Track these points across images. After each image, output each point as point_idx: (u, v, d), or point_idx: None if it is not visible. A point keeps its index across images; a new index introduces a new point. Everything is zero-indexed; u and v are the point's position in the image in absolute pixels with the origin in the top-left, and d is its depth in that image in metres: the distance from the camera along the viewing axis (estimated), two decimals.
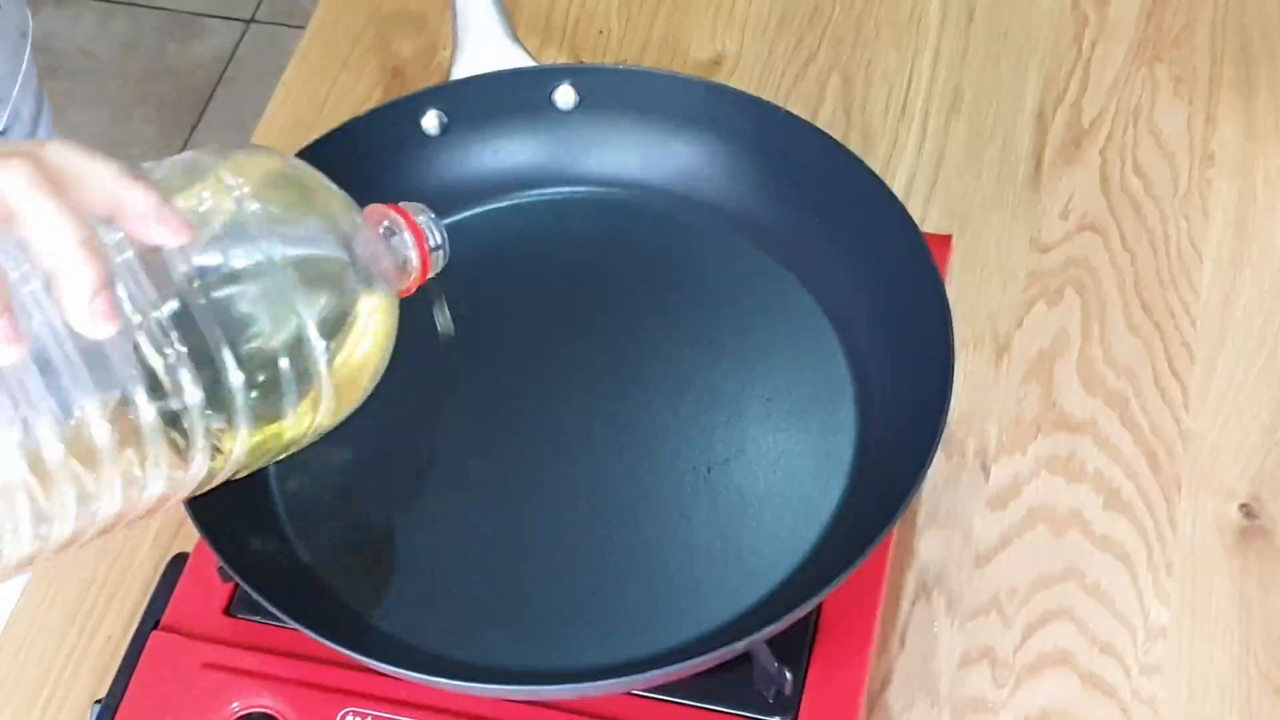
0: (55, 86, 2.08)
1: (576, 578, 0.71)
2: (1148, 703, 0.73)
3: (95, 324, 0.51)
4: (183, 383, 0.54)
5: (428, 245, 0.66)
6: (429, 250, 0.66)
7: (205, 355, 0.55)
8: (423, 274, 0.67)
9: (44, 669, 0.76)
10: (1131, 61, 0.97)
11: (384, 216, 0.65)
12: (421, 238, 0.66)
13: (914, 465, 0.67)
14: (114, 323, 0.52)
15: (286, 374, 0.57)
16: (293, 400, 0.58)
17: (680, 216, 0.82)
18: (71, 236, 0.51)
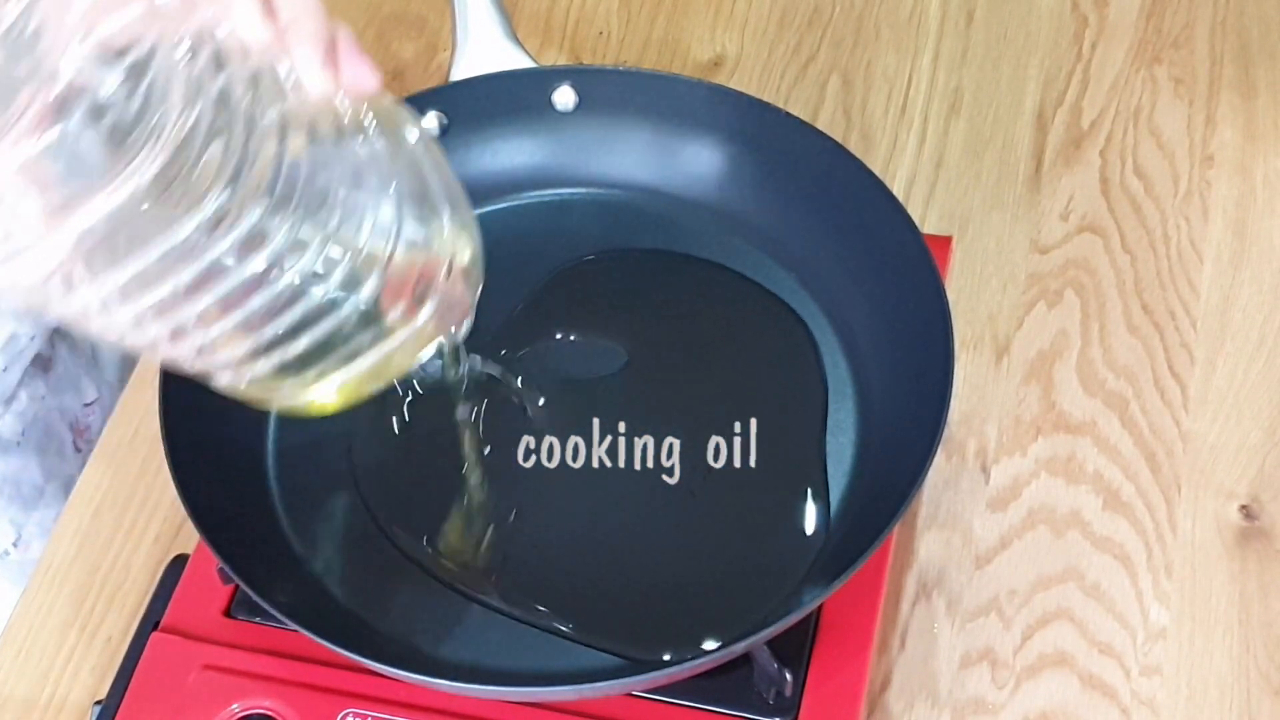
0: None
1: (577, 579, 0.71)
2: (1147, 703, 0.73)
3: (325, 77, 0.51)
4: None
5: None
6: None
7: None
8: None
9: (44, 669, 0.76)
10: (1131, 62, 0.97)
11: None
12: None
13: (914, 466, 0.67)
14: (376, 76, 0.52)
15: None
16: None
17: (679, 218, 0.82)
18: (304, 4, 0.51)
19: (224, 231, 0.50)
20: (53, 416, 0.97)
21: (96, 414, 1.02)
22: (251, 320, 0.53)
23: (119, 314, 0.51)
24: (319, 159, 0.53)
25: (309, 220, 0.52)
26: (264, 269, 0.51)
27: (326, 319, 0.54)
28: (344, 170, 0.54)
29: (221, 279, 0.51)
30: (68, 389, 0.99)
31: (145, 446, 0.83)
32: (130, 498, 0.81)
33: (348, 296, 0.54)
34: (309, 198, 0.52)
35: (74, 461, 0.99)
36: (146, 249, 0.49)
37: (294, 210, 0.52)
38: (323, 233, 0.53)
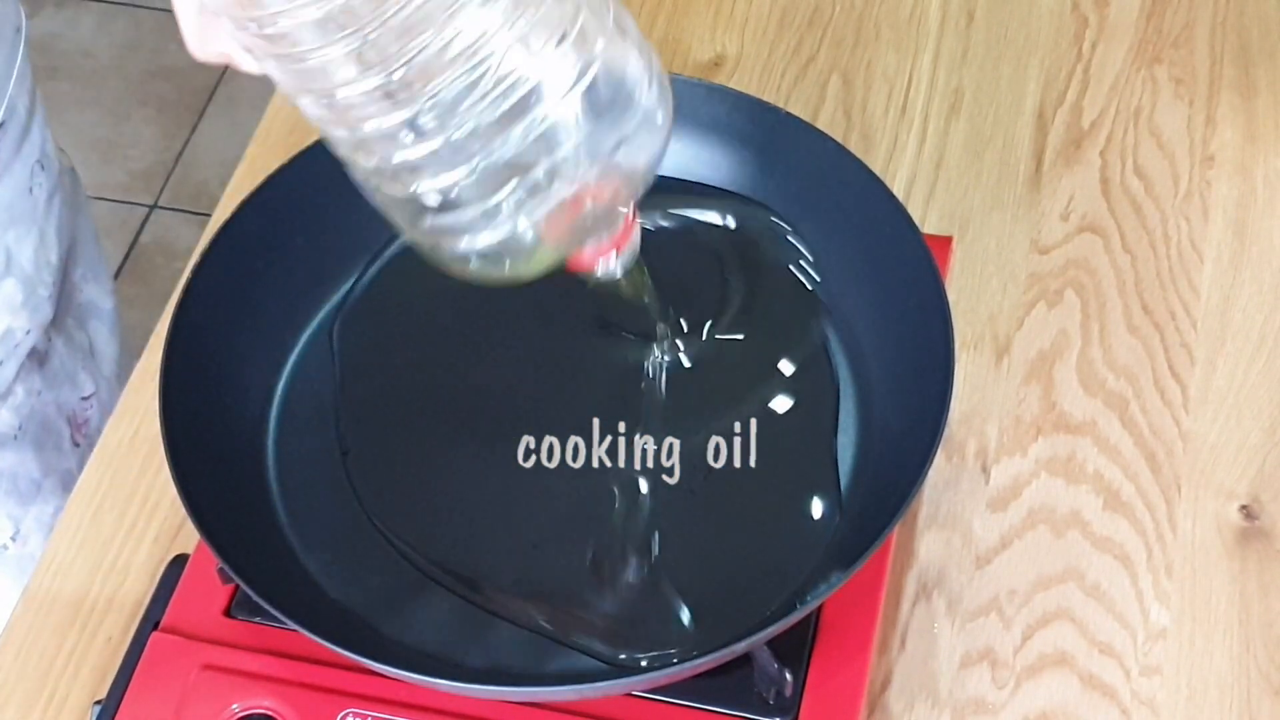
0: (55, 87, 2.09)
1: (576, 579, 0.71)
2: (1147, 704, 0.73)
3: None
4: None
5: (630, 235, 0.62)
6: (629, 234, 0.62)
7: None
8: (612, 242, 0.62)
9: (44, 669, 0.76)
10: (1131, 63, 0.97)
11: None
12: (631, 228, 0.62)
13: (914, 466, 0.67)
14: None
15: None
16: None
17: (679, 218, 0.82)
18: None
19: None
20: (50, 411, 0.97)
21: (94, 408, 1.02)
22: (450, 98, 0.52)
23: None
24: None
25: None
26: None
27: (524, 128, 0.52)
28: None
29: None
30: (64, 383, 0.99)
31: (145, 446, 0.83)
32: (130, 498, 0.81)
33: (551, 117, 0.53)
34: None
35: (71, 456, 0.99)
36: None
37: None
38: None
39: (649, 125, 0.56)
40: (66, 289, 1.00)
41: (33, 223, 0.92)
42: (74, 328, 1.01)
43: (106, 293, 1.06)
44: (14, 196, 0.90)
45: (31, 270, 0.92)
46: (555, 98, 0.52)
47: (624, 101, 0.55)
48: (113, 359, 1.06)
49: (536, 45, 0.52)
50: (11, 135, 0.90)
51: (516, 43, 0.51)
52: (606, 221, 0.58)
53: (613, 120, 0.54)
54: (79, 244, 1.01)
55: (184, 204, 1.99)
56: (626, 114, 0.55)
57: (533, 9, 0.52)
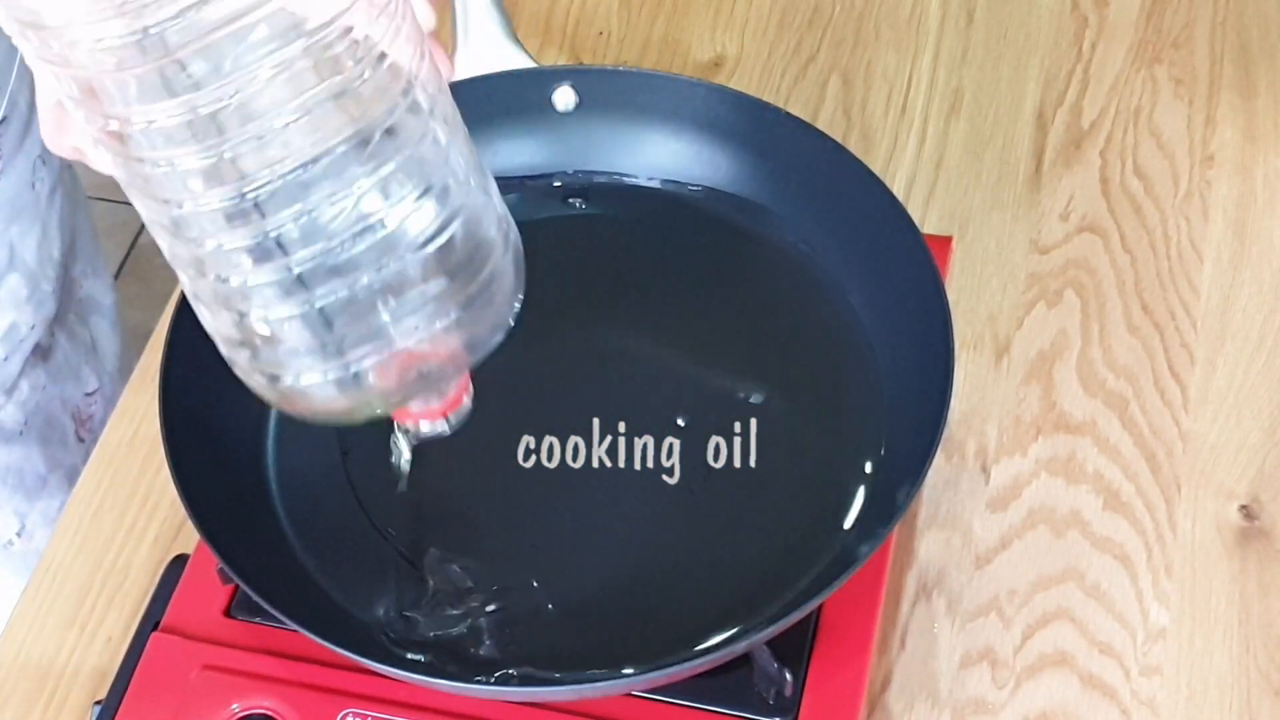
0: None
1: (576, 578, 0.71)
2: (1147, 704, 0.73)
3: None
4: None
5: (461, 402, 0.61)
6: (458, 401, 0.61)
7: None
8: (442, 406, 0.61)
9: (44, 669, 0.76)
10: (1131, 63, 0.97)
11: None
12: (462, 394, 0.61)
13: (914, 466, 0.67)
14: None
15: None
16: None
17: (678, 219, 0.82)
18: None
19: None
20: (54, 406, 0.97)
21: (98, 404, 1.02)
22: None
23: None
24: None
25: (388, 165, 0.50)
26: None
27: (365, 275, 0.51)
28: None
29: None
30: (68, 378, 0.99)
31: (145, 446, 0.83)
32: (130, 498, 0.81)
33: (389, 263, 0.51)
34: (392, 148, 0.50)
35: (76, 451, 0.99)
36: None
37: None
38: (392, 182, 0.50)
39: (497, 295, 0.55)
40: (68, 284, 1.00)
41: (35, 218, 0.93)
42: (76, 323, 1.01)
43: (107, 288, 1.06)
44: (17, 191, 0.91)
45: (35, 265, 0.92)
46: (408, 249, 0.51)
47: (476, 267, 0.53)
48: (115, 355, 1.06)
49: (399, 193, 0.50)
50: (14, 130, 0.90)
51: (377, 186, 0.50)
52: (439, 384, 0.57)
53: (461, 284, 0.53)
54: (79, 240, 1.02)
55: None
56: (476, 280, 0.54)
57: (401, 155, 0.50)
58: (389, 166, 0.50)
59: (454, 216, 0.52)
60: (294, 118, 0.48)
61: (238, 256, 0.50)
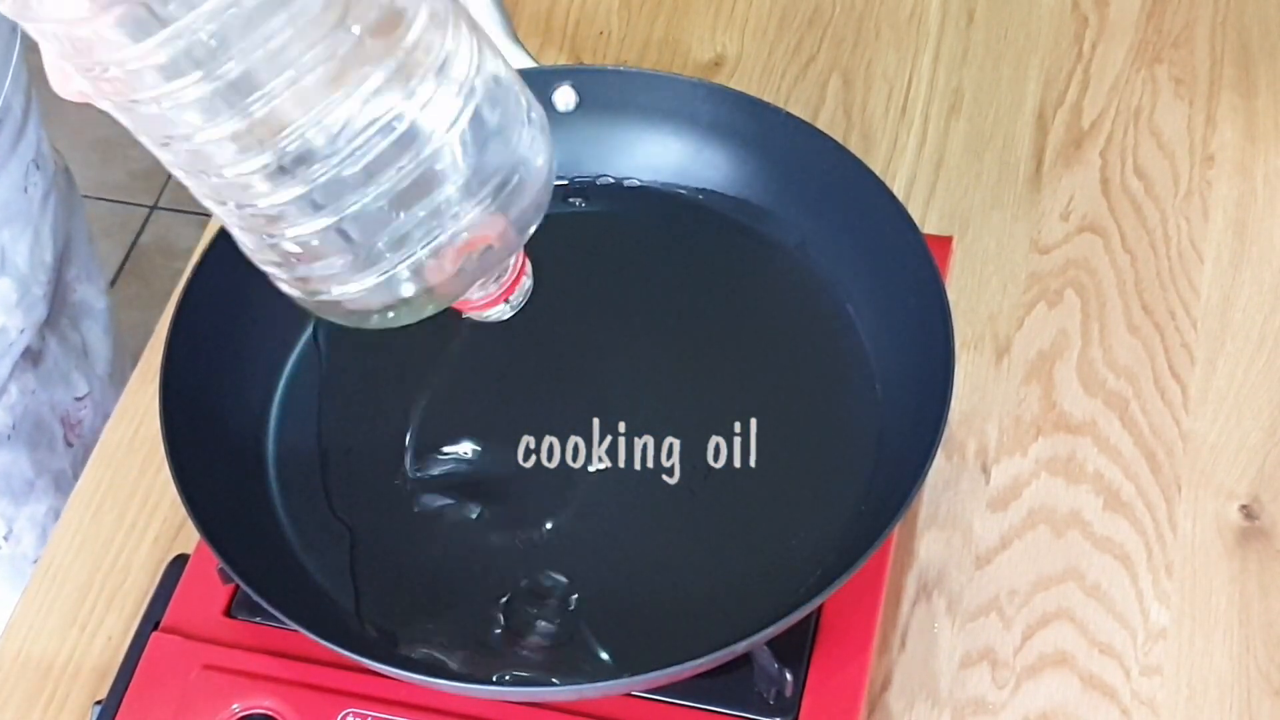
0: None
1: (576, 578, 0.71)
2: (1147, 704, 0.73)
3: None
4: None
5: (520, 283, 0.60)
6: (518, 281, 0.60)
7: None
8: (483, 302, 0.60)
9: (44, 669, 0.76)
10: (1132, 63, 0.97)
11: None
12: (521, 274, 0.60)
13: (914, 466, 0.67)
14: None
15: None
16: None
17: (678, 219, 0.82)
18: None
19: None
20: (43, 410, 0.97)
21: (88, 408, 1.02)
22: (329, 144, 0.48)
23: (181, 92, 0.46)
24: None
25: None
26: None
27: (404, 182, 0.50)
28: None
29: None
30: (58, 383, 0.99)
31: (145, 446, 0.83)
32: (130, 498, 0.81)
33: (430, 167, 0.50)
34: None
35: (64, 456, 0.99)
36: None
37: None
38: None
39: (529, 169, 0.53)
40: (60, 289, 1.00)
41: (28, 222, 0.93)
42: (68, 328, 1.01)
43: (100, 292, 1.06)
44: (9, 195, 0.91)
45: (26, 269, 0.92)
46: (428, 143, 0.50)
47: (504, 146, 0.52)
48: (106, 360, 1.06)
49: (409, 86, 0.49)
50: (7, 134, 0.90)
51: (385, 83, 0.48)
52: (493, 269, 0.56)
53: (492, 166, 0.52)
54: (73, 244, 1.02)
55: (184, 204, 1.98)
56: (507, 159, 0.52)
57: (404, 47, 0.49)
58: (392, 61, 0.49)
59: (471, 99, 0.51)
60: (283, 30, 0.46)
61: (255, 181, 0.49)
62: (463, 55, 0.51)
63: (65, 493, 0.93)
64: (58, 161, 0.99)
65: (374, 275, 0.52)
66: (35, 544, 0.96)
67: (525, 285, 0.59)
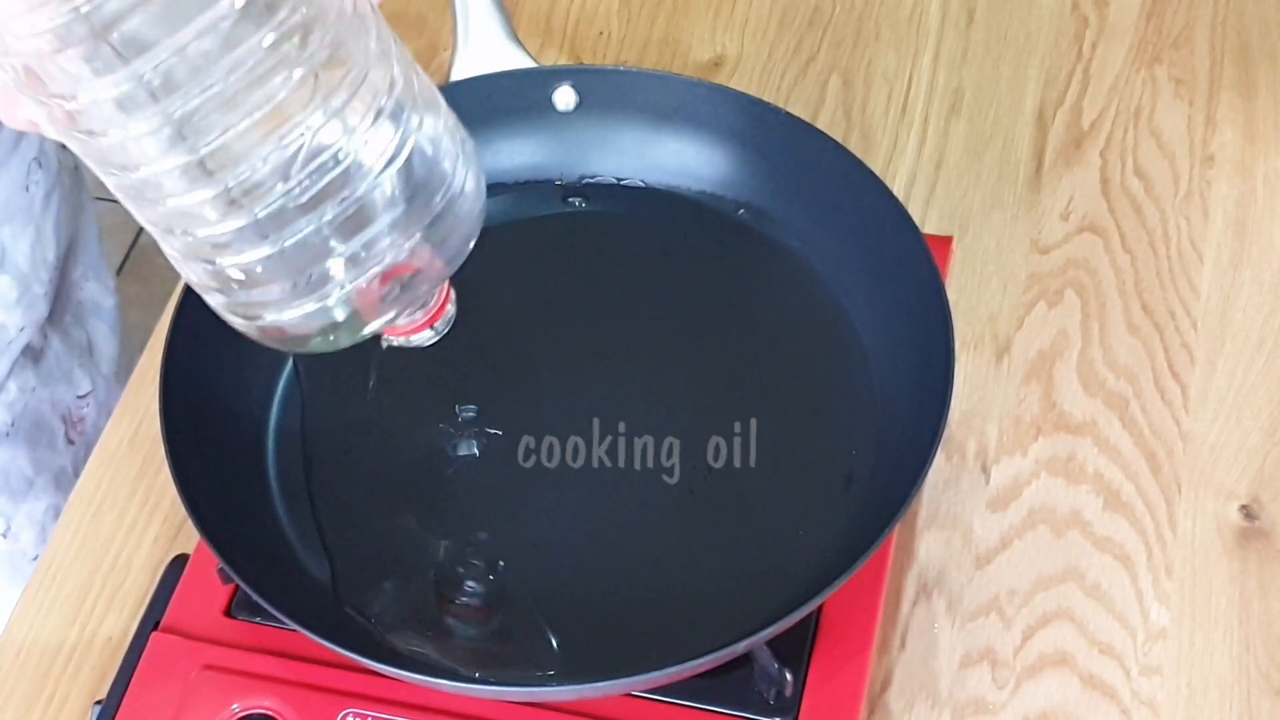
0: None
1: (576, 579, 0.71)
2: (1148, 704, 0.73)
3: None
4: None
5: (445, 310, 0.61)
6: (443, 309, 0.61)
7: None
8: (427, 317, 0.61)
9: (44, 669, 0.76)
10: (1131, 63, 0.97)
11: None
12: (445, 304, 0.61)
13: (914, 466, 0.67)
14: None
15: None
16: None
17: (678, 219, 0.82)
18: None
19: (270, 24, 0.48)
20: (43, 408, 0.97)
21: (90, 406, 1.02)
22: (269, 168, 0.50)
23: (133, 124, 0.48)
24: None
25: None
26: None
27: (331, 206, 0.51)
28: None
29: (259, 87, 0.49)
30: (59, 381, 0.99)
31: (145, 446, 0.83)
32: (130, 498, 0.81)
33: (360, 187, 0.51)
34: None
35: (65, 454, 0.99)
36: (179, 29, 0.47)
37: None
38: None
39: (462, 202, 0.55)
40: (65, 287, 1.00)
41: (29, 220, 0.93)
42: (72, 325, 1.01)
43: (108, 291, 1.06)
44: (10, 193, 0.91)
45: (27, 267, 0.92)
46: (368, 176, 0.51)
47: (439, 179, 0.54)
48: (112, 358, 1.06)
49: (351, 122, 0.51)
50: (7, 133, 0.90)
51: (330, 119, 0.50)
52: (420, 297, 0.57)
53: (426, 198, 0.53)
54: (80, 242, 1.01)
55: None
56: (442, 193, 0.54)
57: (348, 85, 0.51)
58: (338, 98, 0.50)
59: (409, 134, 0.52)
60: (234, 70, 0.48)
61: (200, 210, 0.51)
62: (402, 90, 0.53)
63: (65, 490, 0.93)
64: (63, 160, 0.99)
65: (311, 302, 0.54)
66: (34, 541, 0.96)
67: (449, 312, 0.61)
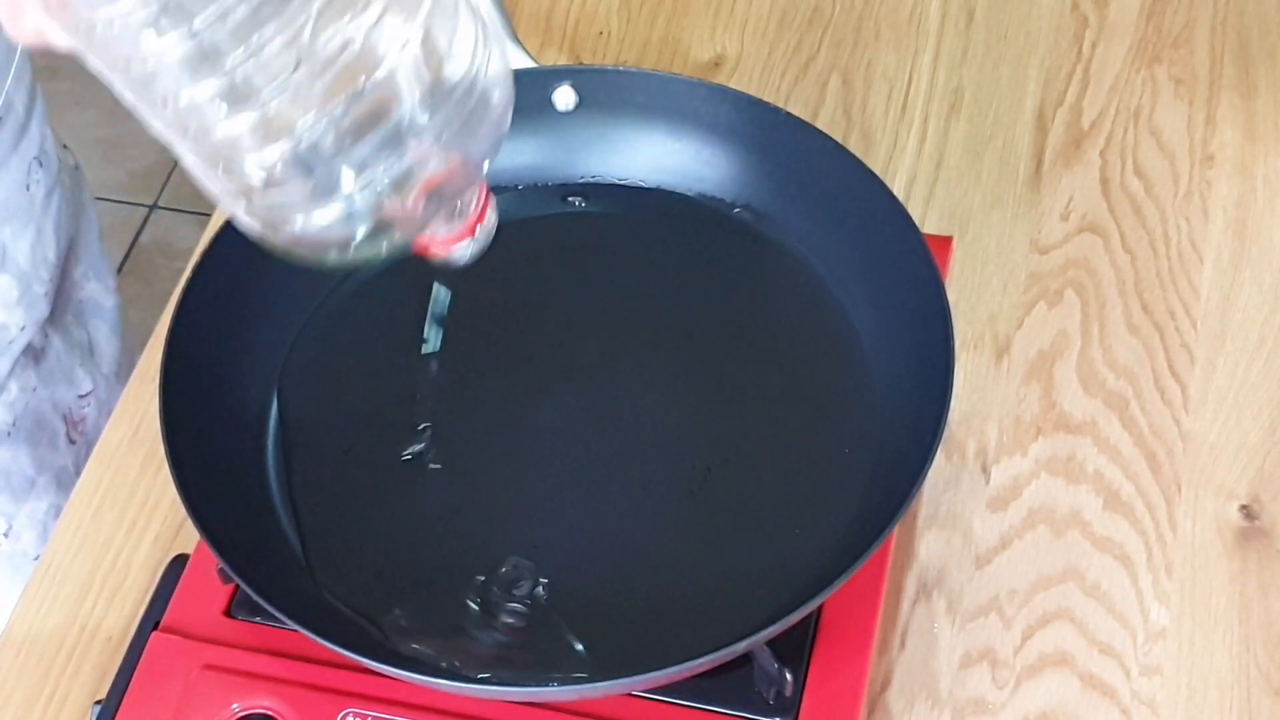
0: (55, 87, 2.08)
1: (577, 578, 0.71)
2: (1147, 704, 0.73)
3: None
4: None
5: (476, 225, 0.58)
6: (472, 230, 0.58)
7: None
8: (449, 237, 0.59)
9: (44, 669, 0.76)
10: (1131, 62, 0.97)
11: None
12: (473, 224, 0.58)
13: (914, 466, 0.67)
14: None
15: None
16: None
17: (678, 219, 0.82)
18: None
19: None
20: (45, 408, 0.97)
21: (92, 405, 1.02)
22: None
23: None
24: None
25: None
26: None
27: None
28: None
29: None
30: (60, 380, 0.99)
31: (145, 446, 0.83)
32: (130, 498, 0.81)
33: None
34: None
35: (67, 453, 0.99)
36: None
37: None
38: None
39: (490, 98, 0.53)
40: (66, 286, 1.00)
41: (29, 219, 0.93)
42: (73, 325, 1.01)
43: (109, 290, 1.06)
44: (10, 192, 0.91)
45: (28, 267, 0.92)
46: (382, 67, 0.49)
47: (459, 73, 0.52)
48: (113, 357, 1.06)
49: (358, 7, 0.49)
50: (9, 131, 0.90)
51: (333, 6, 0.48)
52: (454, 201, 0.55)
53: (449, 94, 0.51)
54: (81, 242, 1.01)
55: (184, 204, 1.98)
56: (464, 87, 0.52)
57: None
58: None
59: (423, 24, 0.50)
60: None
61: (211, 105, 0.49)
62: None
63: (67, 490, 0.93)
64: (65, 159, 0.99)
65: (334, 204, 0.51)
66: (35, 541, 0.96)
67: (490, 221, 0.58)
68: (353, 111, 0.50)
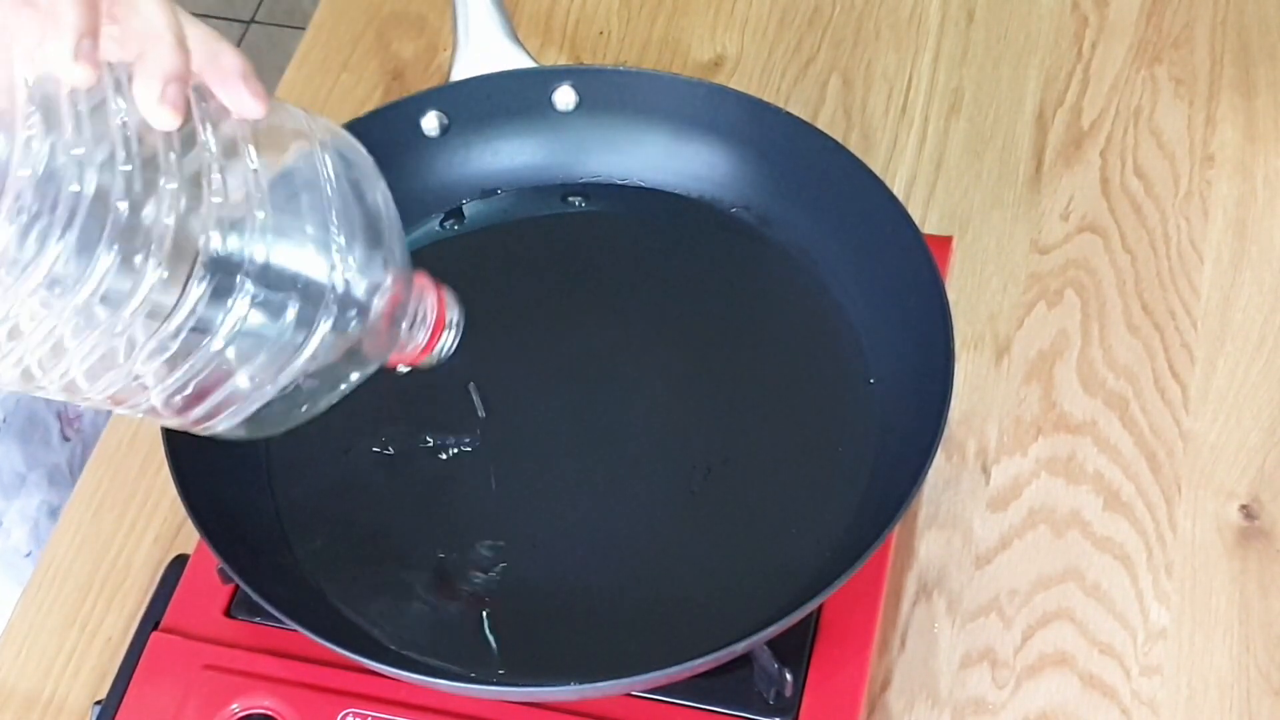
0: None
1: (577, 578, 0.71)
2: (1148, 704, 0.73)
3: (163, 112, 0.50)
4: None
5: (445, 321, 0.62)
6: (443, 326, 0.63)
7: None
8: (426, 345, 0.63)
9: (44, 669, 0.76)
10: (1131, 63, 0.97)
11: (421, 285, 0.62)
12: (441, 321, 0.62)
13: (914, 466, 0.67)
14: (179, 116, 0.50)
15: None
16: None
17: (678, 219, 0.82)
18: (166, 25, 0.50)
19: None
20: (37, 405, 0.97)
21: None
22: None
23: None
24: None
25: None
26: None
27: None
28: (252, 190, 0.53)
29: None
30: None
31: (145, 446, 0.83)
32: (130, 498, 0.81)
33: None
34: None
35: (60, 450, 0.99)
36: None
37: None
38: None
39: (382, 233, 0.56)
40: None
41: None
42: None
43: None
44: None
45: None
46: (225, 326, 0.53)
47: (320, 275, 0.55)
48: None
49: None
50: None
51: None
52: (409, 320, 0.59)
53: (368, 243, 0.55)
54: None
55: None
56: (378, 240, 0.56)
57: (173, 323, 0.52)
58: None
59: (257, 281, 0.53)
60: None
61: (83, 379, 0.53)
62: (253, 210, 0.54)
63: (59, 487, 0.93)
64: None
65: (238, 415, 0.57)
66: (26, 538, 0.96)
67: (451, 321, 0.62)
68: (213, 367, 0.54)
